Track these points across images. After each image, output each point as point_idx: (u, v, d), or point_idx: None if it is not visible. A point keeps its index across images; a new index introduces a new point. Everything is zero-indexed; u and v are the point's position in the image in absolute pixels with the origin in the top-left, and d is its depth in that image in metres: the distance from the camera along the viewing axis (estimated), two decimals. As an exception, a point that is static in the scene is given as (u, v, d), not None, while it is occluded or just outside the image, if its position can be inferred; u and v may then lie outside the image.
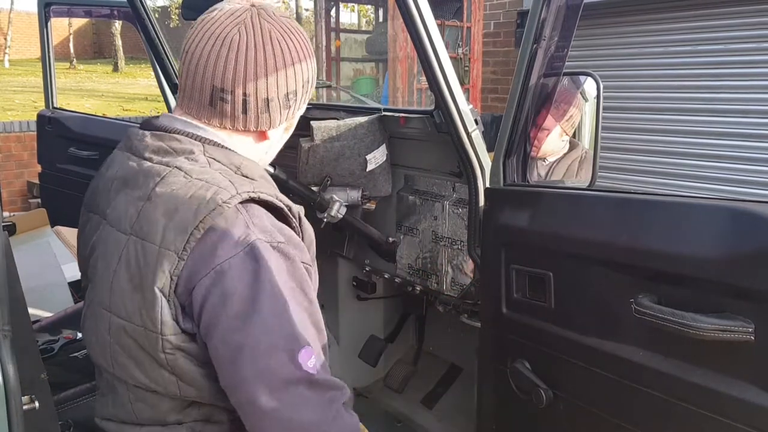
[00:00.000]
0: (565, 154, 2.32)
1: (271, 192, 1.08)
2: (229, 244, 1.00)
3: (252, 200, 1.04)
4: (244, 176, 1.10)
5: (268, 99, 1.10)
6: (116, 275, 1.08)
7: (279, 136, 1.21)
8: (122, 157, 1.16)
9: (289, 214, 1.09)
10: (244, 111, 1.10)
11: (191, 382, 1.07)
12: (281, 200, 1.08)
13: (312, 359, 1.03)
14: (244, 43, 1.07)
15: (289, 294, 1.03)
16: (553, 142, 2.25)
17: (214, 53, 1.07)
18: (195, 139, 1.11)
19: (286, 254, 1.04)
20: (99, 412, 1.23)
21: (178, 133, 1.11)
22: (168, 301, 1.02)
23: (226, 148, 1.13)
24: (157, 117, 1.17)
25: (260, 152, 1.20)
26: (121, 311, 1.07)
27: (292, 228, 1.10)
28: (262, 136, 1.16)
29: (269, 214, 1.07)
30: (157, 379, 1.07)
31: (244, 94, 1.08)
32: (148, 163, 1.10)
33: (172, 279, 1.01)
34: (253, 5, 1.11)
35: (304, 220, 1.14)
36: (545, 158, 2.29)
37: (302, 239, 1.12)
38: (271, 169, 1.96)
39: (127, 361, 1.09)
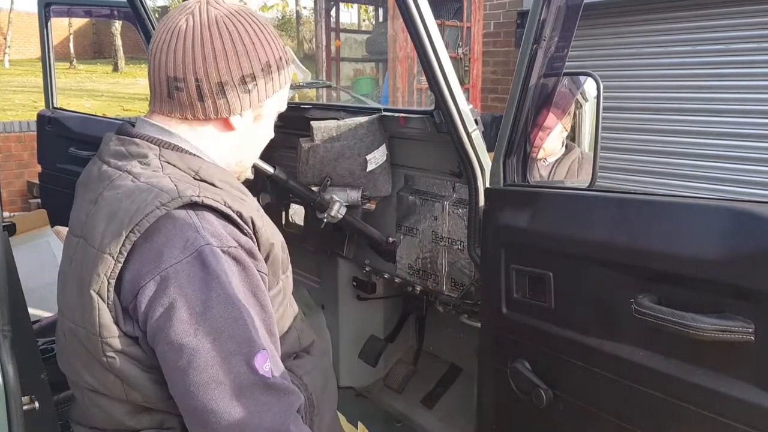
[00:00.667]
0: (564, 155, 2.33)
1: (219, 198, 1.05)
2: (175, 249, 0.99)
3: (196, 204, 1.02)
4: (201, 180, 1.08)
5: (221, 83, 1.09)
6: (67, 278, 1.10)
7: (247, 126, 1.17)
8: (91, 163, 1.17)
9: (238, 220, 1.06)
10: (200, 98, 1.09)
11: (136, 387, 1.05)
12: (230, 206, 1.06)
13: (267, 363, 1.01)
14: (190, 30, 1.08)
15: (242, 298, 1.01)
16: (553, 141, 2.26)
17: (165, 45, 1.09)
18: (153, 143, 1.11)
19: (237, 259, 1.03)
20: (71, 414, 1.24)
21: (140, 137, 1.12)
22: (106, 304, 1.01)
23: (186, 151, 1.12)
24: (126, 123, 1.18)
25: (230, 145, 1.17)
26: (69, 314, 1.08)
27: (245, 234, 1.07)
28: (226, 125, 1.14)
29: (221, 220, 1.05)
30: (104, 383, 1.07)
31: (197, 80, 1.08)
32: (105, 167, 1.11)
33: (109, 282, 1.00)
34: None
35: (261, 226, 1.11)
36: (545, 159, 2.30)
37: (258, 245, 1.10)
38: (271, 170, 1.96)
39: (77, 363, 1.10)
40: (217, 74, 1.08)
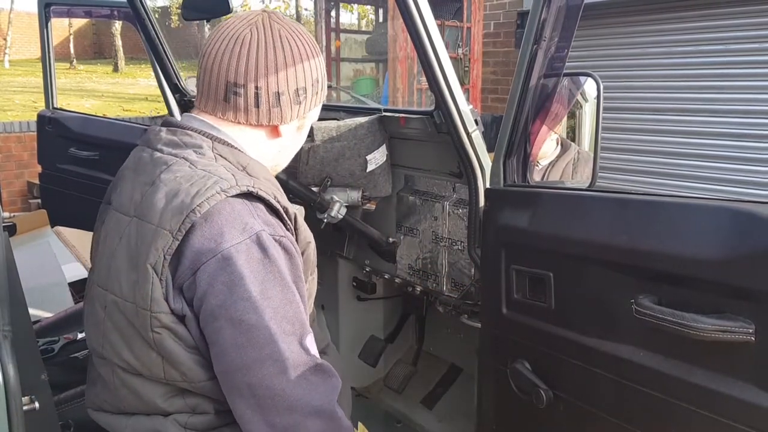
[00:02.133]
0: (559, 156, 2.32)
1: (270, 192, 1.12)
2: (236, 230, 1.04)
3: (251, 195, 1.09)
4: (249, 175, 1.15)
5: (278, 93, 1.16)
6: (115, 255, 1.12)
7: (291, 134, 1.26)
8: (138, 150, 1.23)
9: (285, 216, 1.13)
10: (257, 104, 1.16)
11: (177, 365, 1.08)
12: (279, 201, 1.13)
13: (314, 346, 1.09)
14: (255, 41, 1.14)
15: (292, 285, 1.08)
16: (545, 147, 2.26)
17: (228, 51, 1.14)
18: (206, 137, 1.17)
19: (287, 248, 1.09)
20: (89, 401, 1.26)
21: (191, 130, 1.17)
22: (160, 279, 1.05)
23: (236, 148, 1.18)
24: (172, 117, 1.25)
25: (273, 150, 1.25)
26: (116, 289, 1.11)
27: (288, 229, 1.14)
28: (274, 132, 1.22)
29: (270, 214, 1.12)
30: (143, 360, 1.10)
31: (256, 88, 1.15)
32: (158, 154, 1.16)
33: (165, 258, 1.04)
34: (265, 11, 1.19)
35: (301, 224, 1.19)
36: (538, 162, 2.29)
37: (297, 241, 1.16)
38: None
39: (116, 339, 1.12)
40: (276, 84, 1.16)
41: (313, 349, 1.08)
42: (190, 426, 1.13)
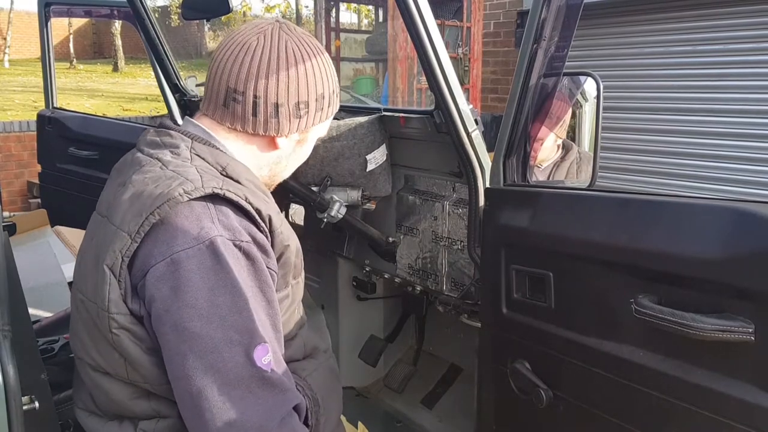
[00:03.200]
0: (562, 158, 2.32)
1: (241, 193, 1.08)
2: (189, 235, 1.02)
3: (217, 196, 1.06)
4: (227, 176, 1.12)
5: (277, 104, 1.15)
6: (85, 253, 1.14)
7: (290, 147, 1.24)
8: (128, 153, 1.24)
9: (256, 217, 1.09)
10: (254, 113, 1.15)
11: (137, 367, 1.07)
12: (251, 203, 1.09)
13: (267, 356, 1.03)
14: (260, 48, 1.14)
15: (248, 292, 1.03)
16: (547, 150, 2.26)
17: (232, 57, 1.14)
18: (187, 136, 1.15)
19: (248, 253, 1.06)
20: (75, 399, 1.26)
21: (176, 131, 1.17)
22: (118, 280, 1.04)
23: (217, 148, 1.16)
24: (167, 120, 1.26)
25: (269, 161, 1.24)
26: (84, 288, 1.11)
27: (261, 231, 1.10)
28: (271, 143, 1.21)
29: (239, 215, 1.08)
30: (108, 359, 1.09)
31: (255, 96, 1.13)
32: (138, 155, 1.17)
33: (123, 259, 1.03)
34: (277, 21, 1.18)
35: (277, 226, 1.14)
36: (540, 164, 2.29)
37: (272, 245, 1.12)
38: None
39: (85, 338, 1.13)
40: (275, 95, 1.14)
41: (263, 361, 1.02)
42: None
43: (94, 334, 1.10)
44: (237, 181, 1.12)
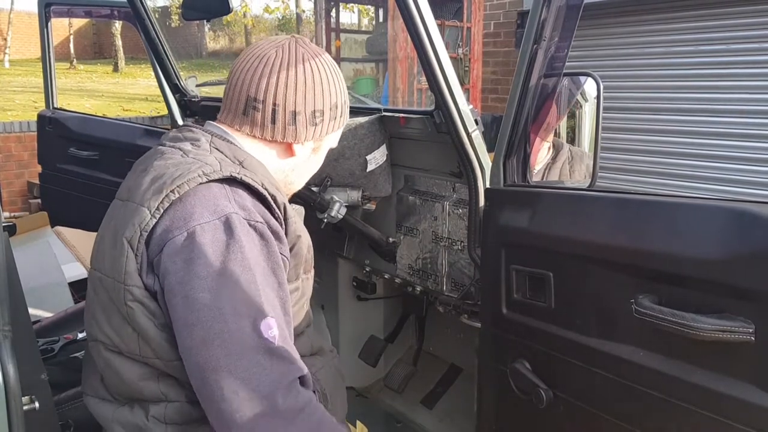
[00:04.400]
0: (553, 159, 2.30)
1: (257, 179, 1.14)
2: (206, 211, 1.07)
3: (234, 180, 1.12)
4: (243, 168, 1.18)
5: (295, 112, 1.22)
6: (104, 234, 1.18)
7: (306, 155, 1.30)
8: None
9: (271, 203, 1.15)
10: (273, 120, 1.22)
11: (149, 341, 1.10)
12: (266, 188, 1.15)
13: (274, 330, 1.05)
14: (278, 60, 1.21)
15: (259, 271, 1.07)
16: (536, 153, 2.25)
17: (252, 69, 1.21)
18: (208, 133, 1.22)
19: (262, 234, 1.11)
20: (83, 386, 1.29)
21: (196, 128, 1.24)
22: (135, 254, 1.08)
23: (236, 145, 1.22)
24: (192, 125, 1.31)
25: (285, 167, 1.30)
26: (102, 266, 1.16)
27: (275, 218, 1.16)
28: (288, 149, 1.27)
29: (254, 199, 1.14)
30: (121, 334, 1.13)
31: (274, 104, 1.20)
32: (160, 147, 1.24)
33: (141, 233, 1.08)
34: (293, 36, 1.26)
35: (291, 216, 1.20)
36: (532, 168, 2.28)
37: (285, 233, 1.18)
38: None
39: (100, 314, 1.16)
40: (293, 103, 1.21)
41: (269, 333, 1.04)
42: (169, 419, 1.13)
43: (109, 310, 1.13)
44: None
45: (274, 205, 1.15)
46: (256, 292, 1.05)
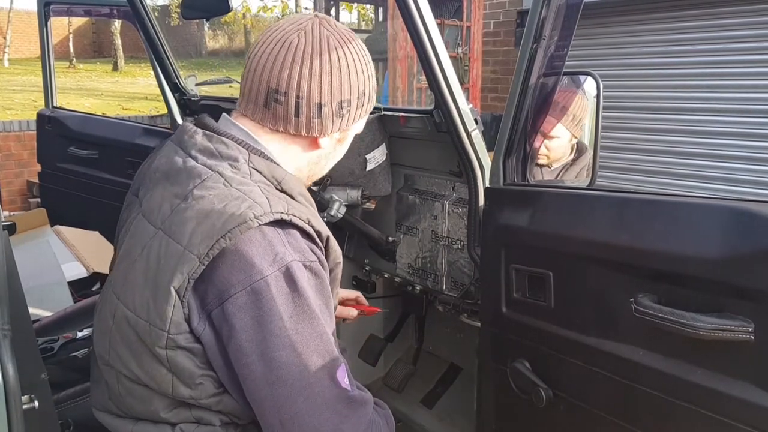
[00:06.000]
0: (573, 161, 2.27)
1: (304, 216, 1.08)
2: (266, 261, 1.01)
3: (284, 222, 1.05)
4: (282, 191, 1.11)
5: (321, 104, 1.12)
6: (134, 266, 1.09)
7: (331, 146, 1.21)
8: (170, 149, 1.17)
9: (316, 238, 1.10)
10: (297, 114, 1.12)
11: (188, 382, 1.07)
12: (313, 225, 1.09)
13: (346, 377, 1.06)
14: (301, 47, 1.10)
15: (321, 312, 1.05)
16: (561, 149, 2.22)
17: (272, 56, 1.10)
18: (242, 146, 1.12)
19: (317, 273, 1.07)
20: (94, 400, 1.24)
21: (227, 137, 1.13)
22: (182, 302, 1.02)
23: (272, 160, 1.15)
24: (207, 117, 1.20)
25: (310, 161, 1.22)
26: (129, 302, 1.08)
27: (321, 251, 1.11)
28: (313, 143, 1.18)
29: (303, 237, 1.08)
30: (153, 375, 1.08)
31: (298, 97, 1.10)
32: (192, 162, 1.11)
33: (189, 281, 1.01)
34: (317, 15, 1.14)
35: (332, 245, 1.15)
36: (551, 165, 2.25)
37: (327, 262, 1.14)
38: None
39: (124, 351, 1.10)
40: (319, 95, 1.11)
41: (345, 381, 1.06)
42: None
43: (138, 350, 1.08)
44: (291, 197, 1.12)
45: (318, 241, 1.10)
46: (327, 341, 1.05)
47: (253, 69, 1.12)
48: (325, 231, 1.12)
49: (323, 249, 1.12)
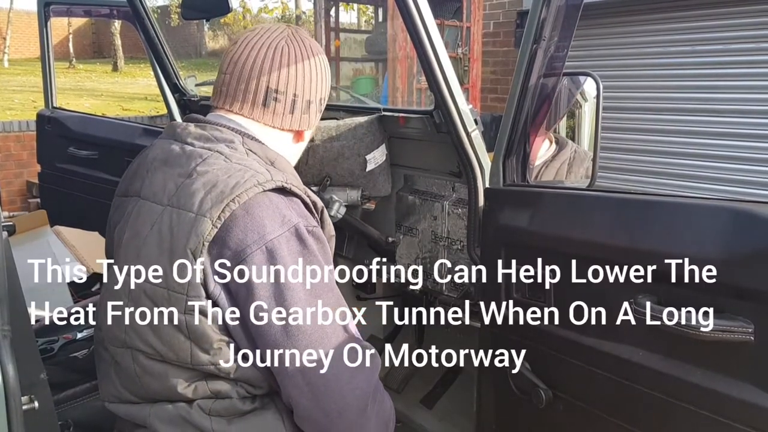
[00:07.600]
0: (553, 156, 2.24)
1: (301, 187, 1.19)
2: (276, 223, 1.10)
3: (284, 189, 1.15)
4: (277, 170, 1.20)
5: (309, 101, 1.28)
6: (145, 242, 1.15)
7: (308, 139, 1.36)
8: (164, 143, 1.26)
9: (313, 208, 1.20)
10: (291, 111, 1.27)
11: (206, 347, 1.12)
12: (309, 195, 1.20)
13: (356, 331, 1.16)
14: (294, 53, 1.25)
15: (328, 271, 1.15)
16: (540, 152, 2.19)
17: (268, 59, 1.23)
18: (236, 132, 1.23)
19: (319, 238, 1.17)
20: (105, 395, 1.27)
21: (221, 126, 1.22)
22: (198, 262, 1.09)
23: (263, 143, 1.25)
24: (196, 115, 1.30)
25: (295, 152, 1.35)
26: (146, 274, 1.14)
27: (316, 221, 1.20)
28: (298, 136, 1.33)
29: (303, 206, 1.18)
30: (171, 344, 1.13)
31: (294, 95, 1.25)
32: (191, 147, 1.21)
33: (203, 243, 1.08)
34: (289, 26, 1.30)
35: (326, 218, 1.26)
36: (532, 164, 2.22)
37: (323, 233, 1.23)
38: None
39: (142, 325, 1.15)
40: (309, 93, 1.27)
41: (356, 330, 1.16)
42: (214, 413, 1.15)
43: (157, 319, 1.13)
44: (285, 173, 1.21)
45: (314, 210, 1.21)
46: (338, 294, 1.15)
47: (246, 72, 1.23)
48: (320, 203, 1.24)
49: (318, 220, 1.21)
